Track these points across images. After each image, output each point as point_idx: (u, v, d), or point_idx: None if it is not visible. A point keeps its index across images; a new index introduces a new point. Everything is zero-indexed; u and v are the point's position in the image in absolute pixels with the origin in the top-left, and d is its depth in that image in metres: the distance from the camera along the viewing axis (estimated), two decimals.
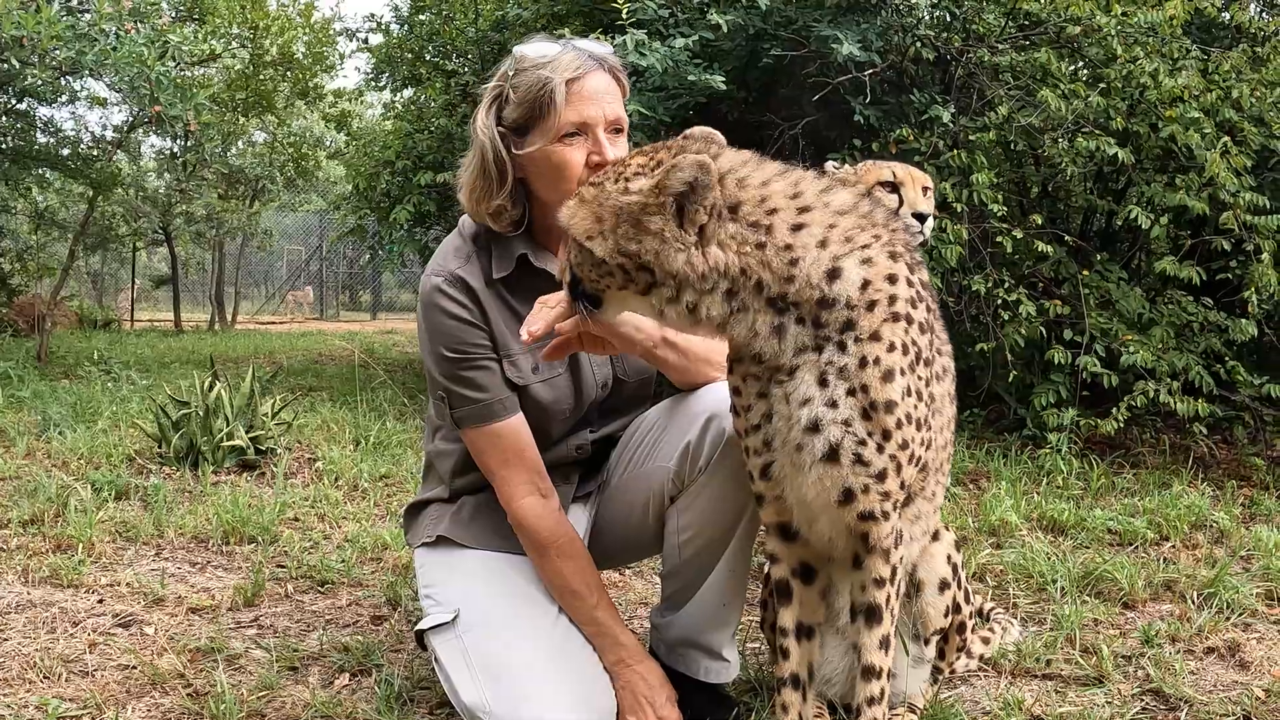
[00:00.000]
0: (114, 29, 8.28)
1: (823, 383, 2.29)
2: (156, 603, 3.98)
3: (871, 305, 2.29)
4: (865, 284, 2.29)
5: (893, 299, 2.31)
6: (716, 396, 2.78)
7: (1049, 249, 6.71)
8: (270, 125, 19.96)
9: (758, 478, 2.48)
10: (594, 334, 2.59)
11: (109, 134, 18.03)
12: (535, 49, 2.78)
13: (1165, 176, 6.83)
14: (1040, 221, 6.92)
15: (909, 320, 2.34)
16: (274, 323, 26.09)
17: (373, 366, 11.27)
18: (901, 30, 7.15)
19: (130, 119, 15.65)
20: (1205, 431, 6.46)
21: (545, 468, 2.92)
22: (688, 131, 2.48)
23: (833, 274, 2.27)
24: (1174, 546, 4.86)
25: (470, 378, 2.82)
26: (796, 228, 2.28)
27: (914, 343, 2.35)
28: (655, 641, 3.08)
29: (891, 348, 2.30)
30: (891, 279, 2.32)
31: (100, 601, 3.97)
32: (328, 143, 23.87)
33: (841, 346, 2.28)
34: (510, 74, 2.77)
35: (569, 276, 2.43)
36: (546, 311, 2.50)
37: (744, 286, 2.27)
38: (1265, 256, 6.19)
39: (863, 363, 2.28)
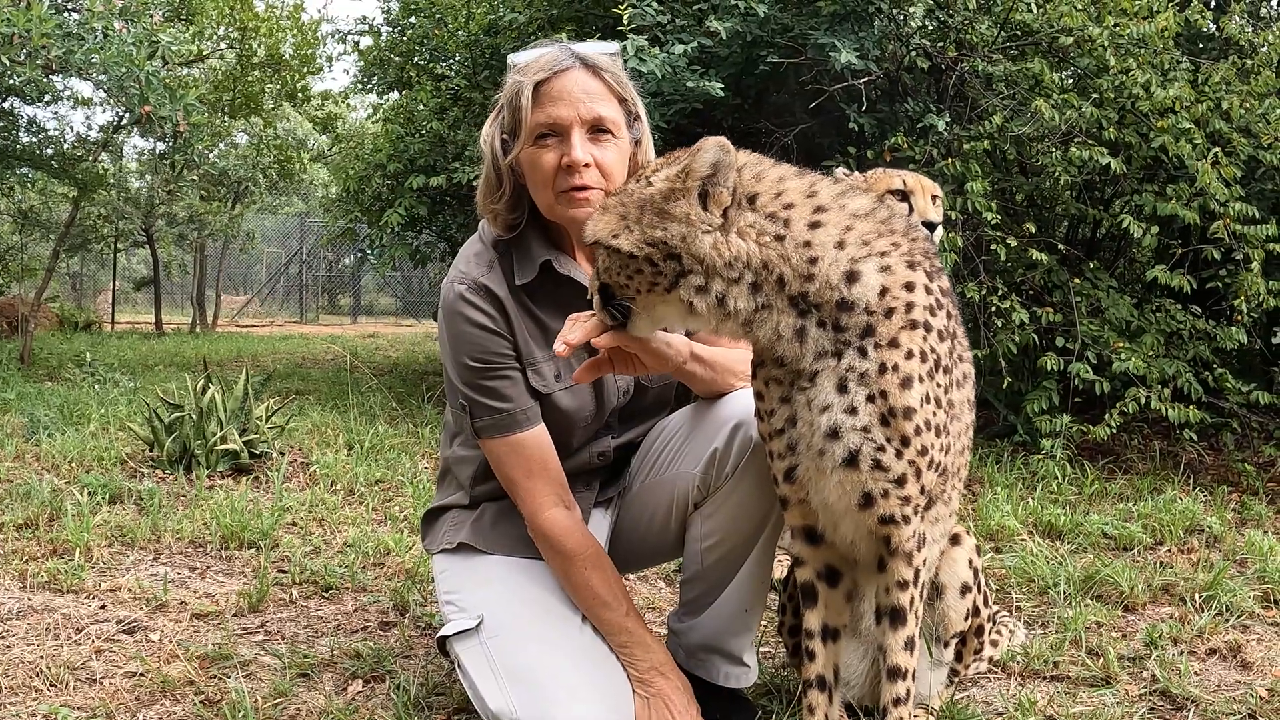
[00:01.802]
0: (102, 27, 8.23)
1: (842, 389, 2.32)
2: (159, 608, 3.96)
3: (890, 312, 2.32)
4: (884, 290, 2.32)
5: (910, 306, 2.34)
6: (742, 404, 2.79)
7: (1042, 257, 6.76)
8: (255, 127, 19.86)
9: (782, 481, 2.50)
10: (626, 353, 2.60)
11: (93, 134, 17.94)
12: (524, 55, 2.79)
13: (1155, 186, 6.90)
14: (1033, 230, 6.97)
15: (928, 328, 2.36)
16: (254, 326, 25.97)
17: (362, 370, 11.25)
18: (897, 39, 7.19)
19: (116, 119, 15.57)
20: (1194, 438, 6.53)
21: (567, 474, 2.92)
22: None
23: (851, 277, 2.31)
24: (1169, 550, 4.91)
25: (493, 387, 2.81)
26: (813, 225, 2.32)
27: (933, 350, 2.37)
28: (673, 646, 3.08)
29: (910, 355, 2.33)
30: (909, 287, 2.35)
31: (102, 607, 3.94)
32: (310, 145, 23.79)
33: (861, 352, 2.31)
34: (506, 81, 2.80)
35: (598, 285, 2.45)
36: (581, 325, 2.51)
37: (767, 281, 2.30)
38: (1254, 265, 6.26)
39: (881, 369, 2.31)
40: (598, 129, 2.73)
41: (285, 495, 5.60)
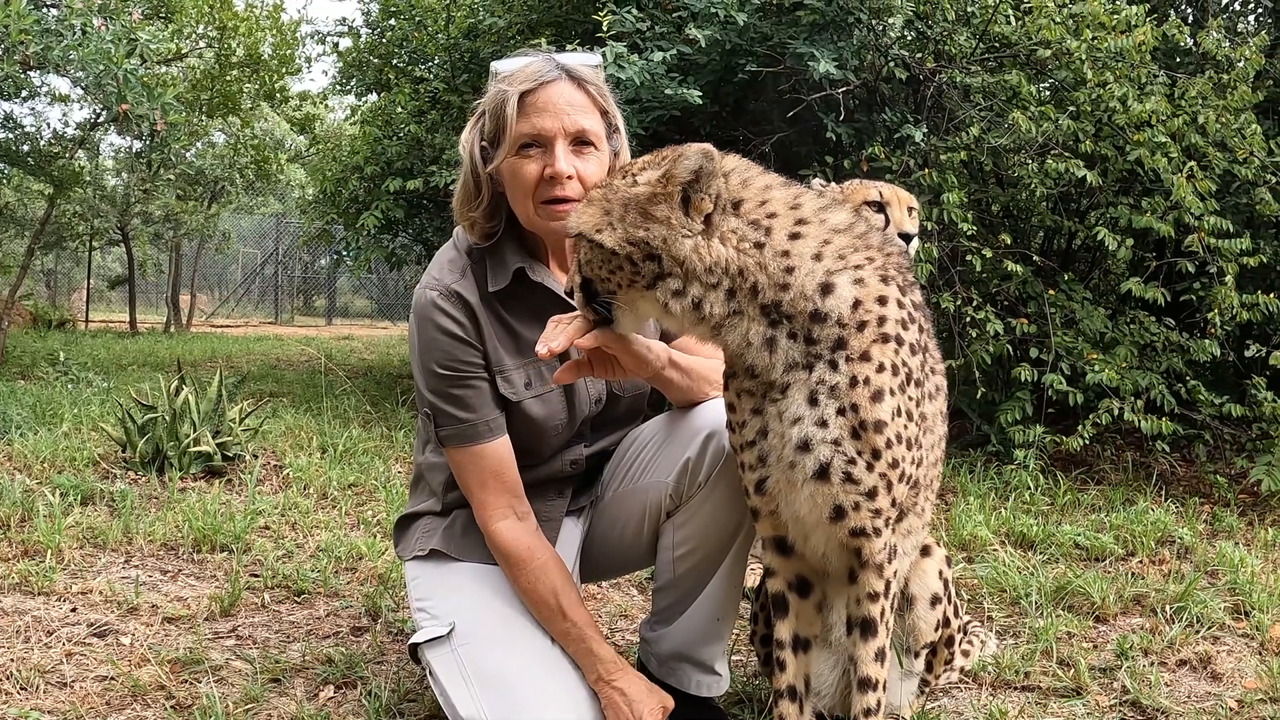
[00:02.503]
0: (80, 24, 8.18)
1: (813, 401, 2.33)
2: (131, 612, 3.93)
3: (862, 325, 2.34)
4: (857, 303, 2.34)
5: (882, 320, 2.36)
6: (715, 413, 2.80)
7: (1017, 268, 6.79)
8: (232, 127, 19.78)
9: (753, 493, 2.51)
10: (606, 356, 2.60)
11: (70, 131, 17.84)
12: (508, 63, 2.78)
13: (1130, 199, 6.95)
14: (1009, 241, 7.00)
15: (899, 341, 2.38)
16: (229, 326, 25.85)
17: (336, 373, 11.21)
18: (876, 49, 7.22)
19: (93, 116, 15.48)
20: (1167, 449, 6.57)
21: (539, 483, 2.94)
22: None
23: (826, 288, 2.33)
24: (1141, 561, 4.94)
25: (459, 396, 2.81)
26: (794, 236, 2.34)
27: (904, 363, 2.39)
28: (645, 655, 3.09)
29: (881, 368, 2.34)
30: (882, 300, 2.37)
31: (73, 610, 3.91)
32: (287, 145, 23.70)
33: (832, 365, 2.32)
34: (489, 89, 2.79)
35: (579, 279, 2.46)
36: (564, 327, 2.50)
37: (741, 288, 2.32)
38: (1228, 279, 6.31)
39: (853, 382, 2.32)
40: (580, 141, 2.74)
41: (258, 498, 5.57)
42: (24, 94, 13.63)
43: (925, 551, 2.90)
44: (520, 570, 2.80)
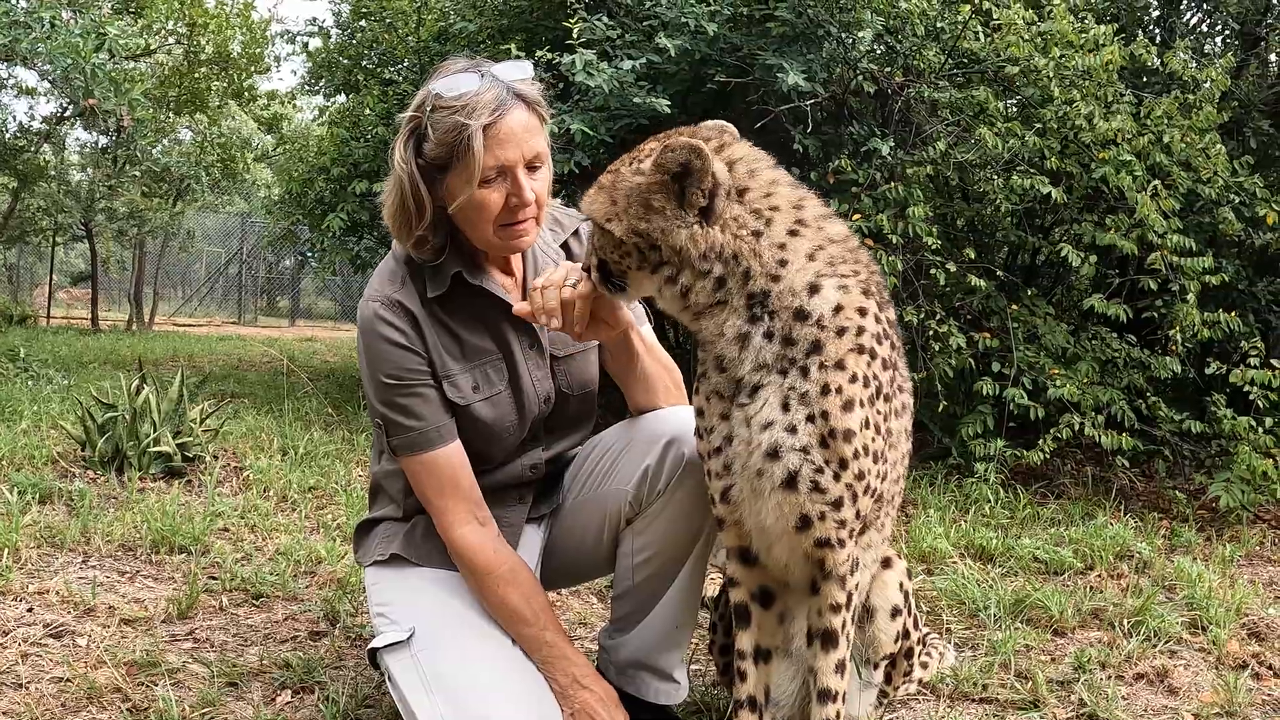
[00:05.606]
0: (49, 17, 8.11)
1: (785, 407, 2.35)
2: (88, 613, 3.89)
3: (841, 332, 2.37)
4: (839, 308, 2.38)
5: (860, 330, 2.39)
6: (676, 421, 2.82)
7: (980, 283, 6.84)
8: (199, 124, 19.67)
9: (718, 501, 2.53)
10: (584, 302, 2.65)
11: (36, 125, 17.67)
12: (451, 85, 2.69)
13: (1095, 216, 7.00)
14: (973, 256, 7.04)
15: (873, 354, 2.41)
16: (192, 325, 25.64)
17: (298, 375, 11.12)
18: (845, 63, 7.25)
19: (60, 110, 15.35)
20: (1126, 464, 6.62)
21: (499, 489, 2.94)
22: (705, 123, 2.61)
23: (814, 288, 2.38)
24: (1100, 575, 4.96)
25: (407, 405, 2.81)
26: (792, 233, 2.40)
27: (875, 377, 2.41)
28: (604, 662, 3.09)
29: (854, 378, 2.36)
30: (862, 311, 2.41)
31: (30, 610, 3.87)
32: (254, 144, 23.58)
33: (804, 372, 2.35)
34: (428, 110, 2.70)
35: (595, 260, 2.53)
36: (546, 291, 2.63)
37: (734, 273, 2.38)
38: (1190, 297, 6.36)
39: (825, 390, 2.34)
40: (532, 165, 2.74)
41: (217, 500, 5.52)
42: None
43: (886, 564, 2.92)
44: (486, 578, 2.80)
